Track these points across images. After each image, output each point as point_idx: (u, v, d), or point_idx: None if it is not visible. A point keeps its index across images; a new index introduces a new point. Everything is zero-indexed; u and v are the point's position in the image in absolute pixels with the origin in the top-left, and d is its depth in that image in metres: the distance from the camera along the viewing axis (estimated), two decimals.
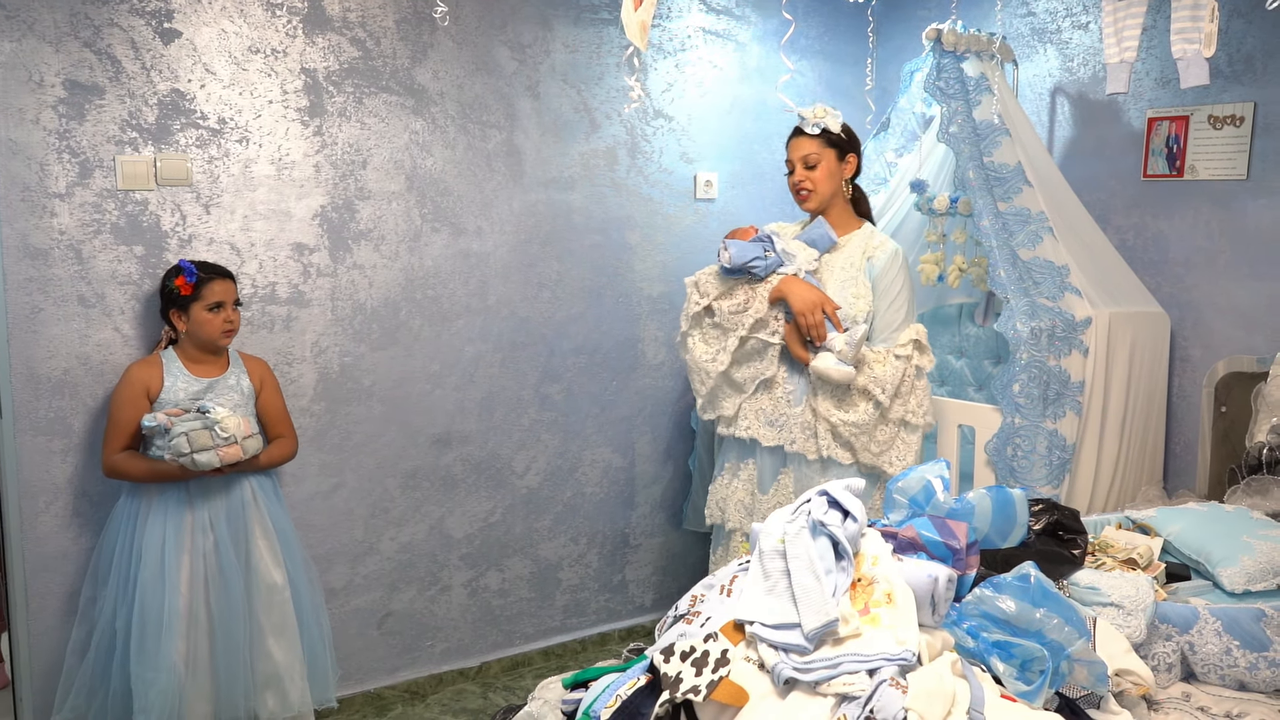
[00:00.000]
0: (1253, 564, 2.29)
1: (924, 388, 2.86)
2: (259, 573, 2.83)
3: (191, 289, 2.74)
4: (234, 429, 2.66)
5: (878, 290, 2.85)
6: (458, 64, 3.29)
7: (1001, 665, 1.67)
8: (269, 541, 2.86)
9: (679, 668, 1.64)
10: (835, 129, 2.90)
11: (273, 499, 2.92)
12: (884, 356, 2.78)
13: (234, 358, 2.90)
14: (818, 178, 2.89)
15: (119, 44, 2.79)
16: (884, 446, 2.81)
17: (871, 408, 2.76)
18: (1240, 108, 3.07)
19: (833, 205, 2.94)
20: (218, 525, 2.77)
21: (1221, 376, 3.09)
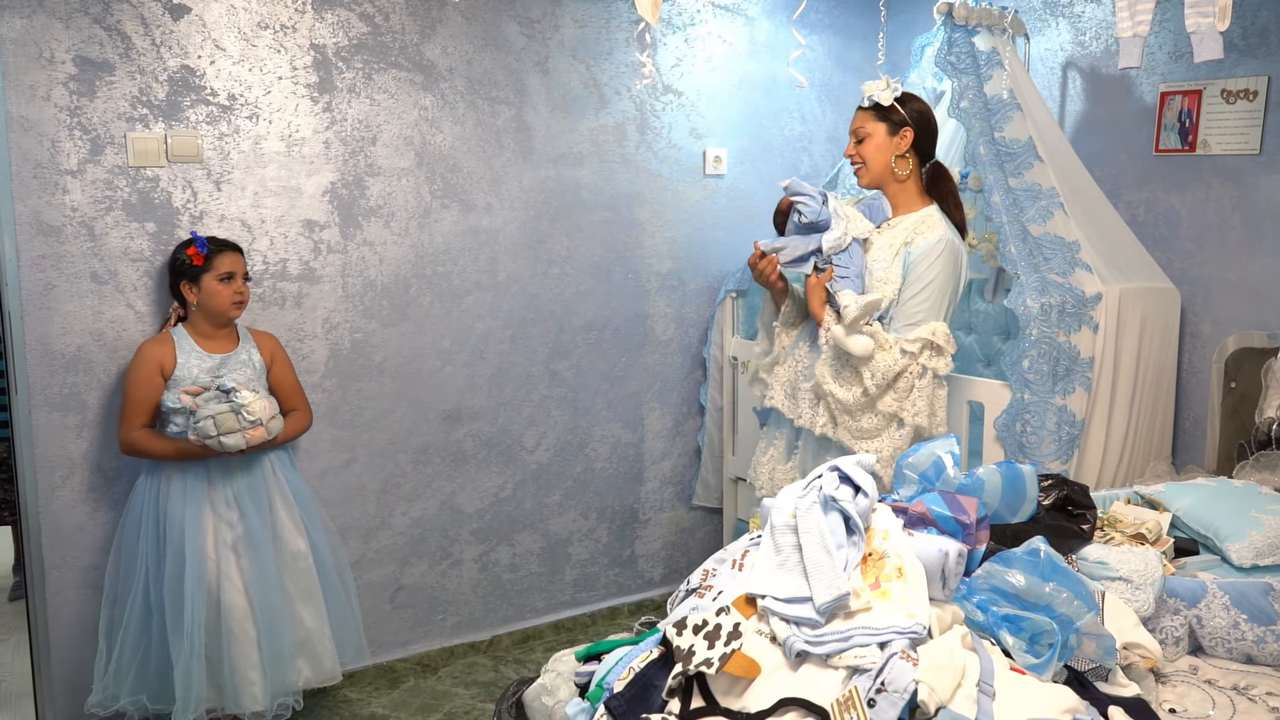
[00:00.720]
0: (1261, 539, 2.30)
1: (928, 388, 2.65)
2: (284, 541, 2.87)
3: (203, 259, 2.75)
4: (260, 412, 2.69)
5: (908, 278, 2.67)
6: (467, 39, 3.28)
7: (1011, 639, 1.68)
8: (290, 511, 2.90)
9: (691, 641, 1.66)
10: (885, 101, 2.72)
11: (291, 469, 2.96)
12: (890, 346, 2.61)
13: (244, 334, 2.92)
14: (867, 152, 2.75)
15: (129, 20, 2.78)
16: (866, 434, 2.66)
17: (860, 393, 2.62)
18: (1254, 82, 3.05)
19: (889, 181, 2.77)
20: (240, 499, 2.80)
21: (1232, 352, 3.08)
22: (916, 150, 2.78)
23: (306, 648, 2.90)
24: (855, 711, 1.50)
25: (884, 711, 1.49)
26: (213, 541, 2.75)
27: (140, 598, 2.76)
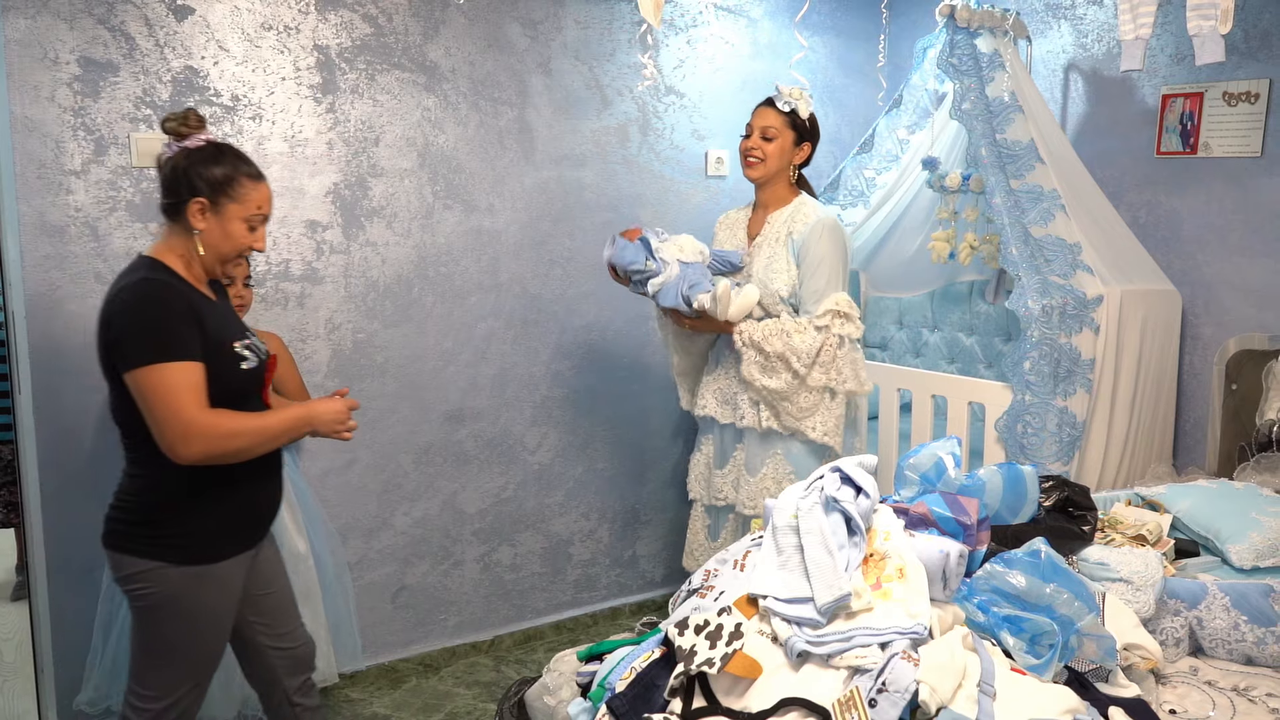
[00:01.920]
0: (1261, 540, 2.31)
1: (847, 355, 2.82)
2: (284, 542, 2.86)
3: None
4: None
5: (801, 263, 2.85)
6: (469, 41, 3.29)
7: (1012, 639, 1.69)
8: (292, 512, 2.90)
9: (693, 641, 1.67)
10: (803, 114, 2.92)
11: (294, 469, 2.96)
12: (804, 327, 2.80)
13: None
14: (770, 151, 2.90)
15: (132, 21, 2.79)
16: (805, 412, 2.83)
17: (790, 376, 2.80)
18: (1256, 84, 3.06)
19: (775, 181, 2.95)
20: None
21: (1233, 354, 3.09)
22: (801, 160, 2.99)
23: None
24: (856, 711, 1.50)
25: (885, 711, 1.50)
26: None
27: None
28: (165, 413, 1.96)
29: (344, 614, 3.02)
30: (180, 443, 1.98)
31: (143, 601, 2.11)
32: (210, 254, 2.12)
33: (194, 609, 2.11)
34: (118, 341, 2.00)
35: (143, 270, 2.06)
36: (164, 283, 2.04)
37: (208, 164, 2.08)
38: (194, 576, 2.09)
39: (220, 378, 2.06)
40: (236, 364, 2.10)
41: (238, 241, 2.13)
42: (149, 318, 2.00)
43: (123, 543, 2.12)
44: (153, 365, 1.96)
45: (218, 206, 2.09)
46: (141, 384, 1.98)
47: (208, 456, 2.01)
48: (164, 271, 2.08)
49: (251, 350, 2.17)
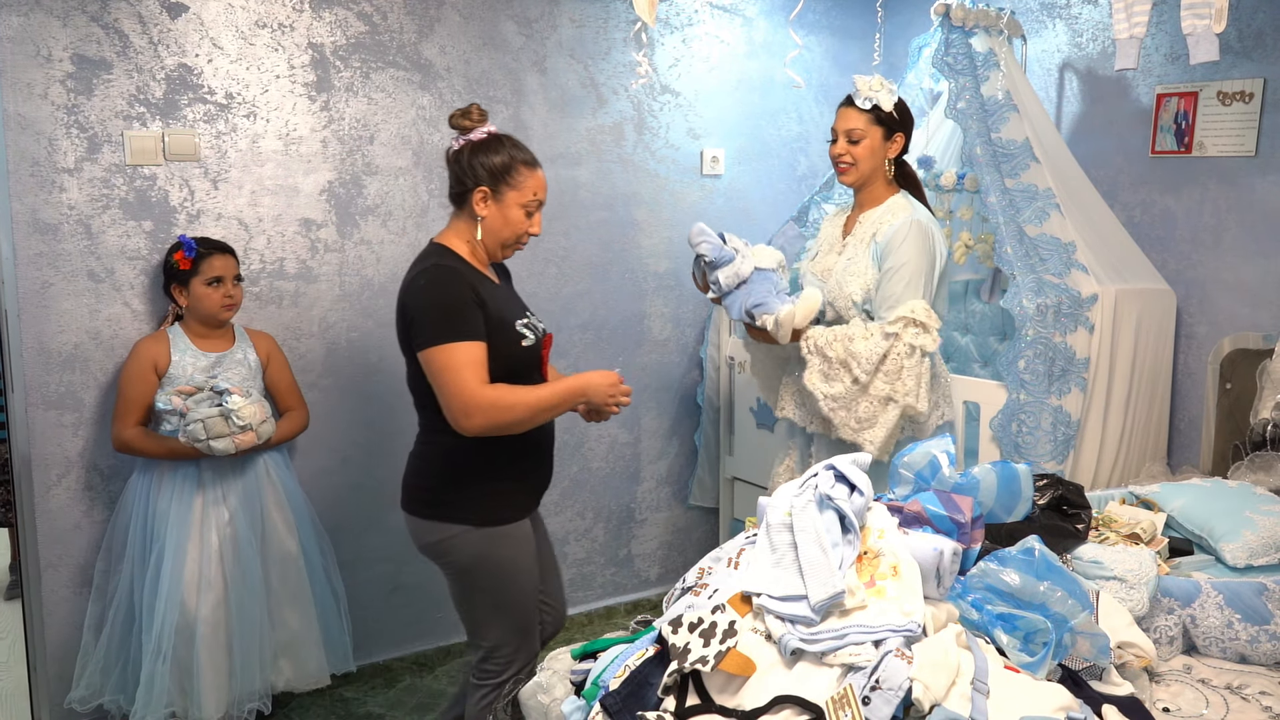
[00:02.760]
0: (1255, 539, 2.31)
1: (916, 366, 2.62)
2: (274, 543, 2.86)
3: (190, 264, 2.75)
4: (250, 416, 2.68)
5: (882, 267, 2.68)
6: (464, 39, 3.28)
7: (1005, 637, 1.68)
8: (283, 513, 2.89)
9: (687, 638, 1.66)
10: (887, 106, 2.71)
11: (285, 471, 2.95)
12: (870, 333, 2.64)
13: (240, 333, 2.92)
14: (859, 154, 2.72)
15: (126, 18, 2.78)
16: (864, 423, 2.66)
17: (850, 383, 2.64)
18: (1250, 84, 3.06)
19: (871, 181, 2.78)
20: (231, 499, 2.79)
21: (1227, 353, 3.09)
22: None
23: (290, 650, 2.88)
24: (850, 709, 1.50)
25: (878, 709, 1.49)
26: (198, 544, 2.74)
27: (125, 596, 2.76)
28: (450, 388, 2.16)
29: (335, 615, 3.01)
30: (463, 416, 2.17)
31: (454, 566, 2.34)
32: (490, 239, 2.31)
33: (500, 566, 2.32)
34: (412, 323, 2.23)
35: (433, 257, 2.28)
36: (450, 268, 2.24)
37: (488, 154, 2.26)
38: (494, 536, 2.30)
39: (502, 354, 2.24)
40: (517, 341, 2.28)
41: (516, 227, 2.31)
42: (437, 302, 2.19)
43: (425, 509, 2.34)
44: (441, 345, 2.16)
45: (498, 194, 2.27)
46: (431, 362, 2.19)
47: (487, 428, 2.19)
48: (450, 257, 2.28)
49: (530, 329, 2.34)
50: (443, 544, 2.32)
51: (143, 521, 2.76)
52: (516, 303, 2.42)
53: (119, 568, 2.78)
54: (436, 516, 2.32)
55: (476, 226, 2.30)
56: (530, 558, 2.39)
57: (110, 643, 2.76)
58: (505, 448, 2.29)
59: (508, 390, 2.21)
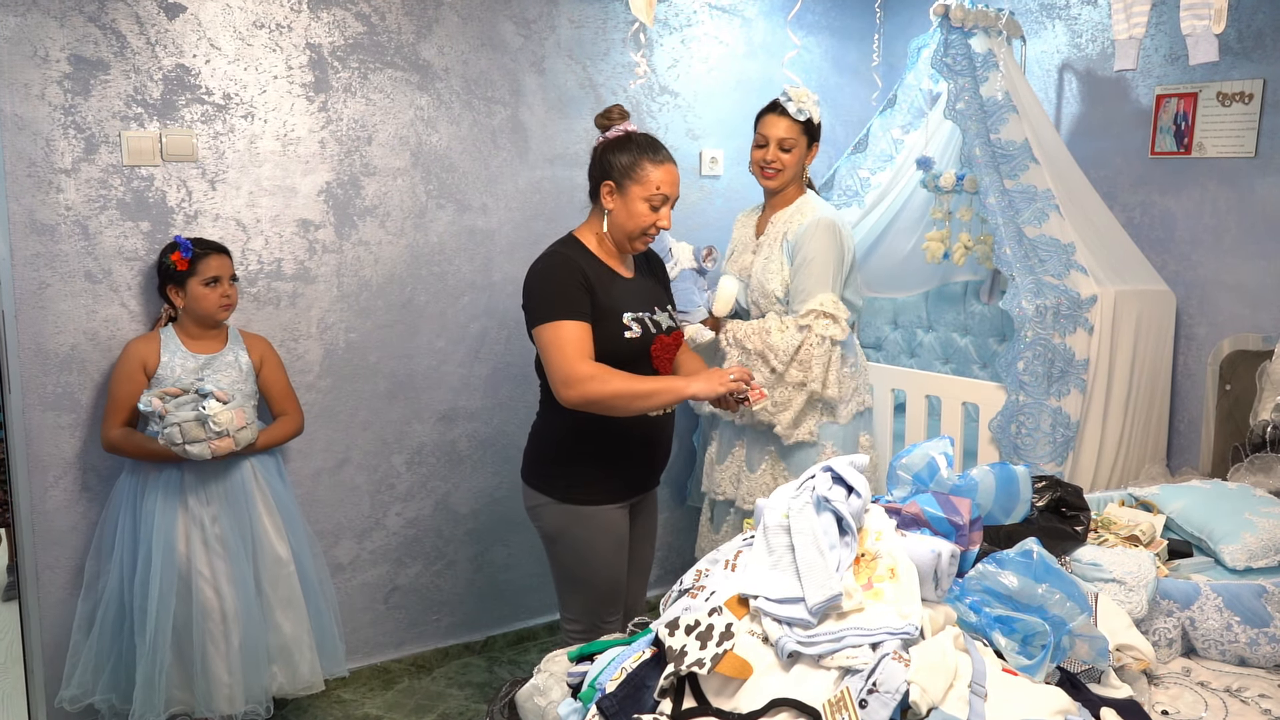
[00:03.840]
0: (1255, 541, 2.30)
1: (824, 356, 2.86)
2: (265, 547, 2.85)
3: (187, 264, 2.74)
4: (226, 422, 2.64)
5: (794, 263, 2.90)
6: (463, 39, 3.28)
7: (1003, 640, 1.68)
8: (273, 517, 2.88)
9: (684, 641, 1.66)
10: (817, 119, 2.95)
11: (274, 476, 2.93)
12: (785, 325, 2.86)
13: (233, 335, 2.91)
14: (788, 161, 2.93)
15: (123, 19, 2.78)
16: (781, 406, 2.89)
17: (769, 372, 2.88)
18: (1249, 85, 3.05)
19: (790, 185, 2.99)
20: (218, 502, 2.78)
21: (1227, 354, 3.09)
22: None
23: (284, 655, 2.87)
24: (847, 712, 1.49)
25: (876, 712, 1.49)
26: (184, 542, 2.73)
27: (115, 596, 2.75)
28: (554, 361, 2.32)
29: (327, 620, 3.00)
30: (563, 386, 2.31)
31: (541, 533, 2.55)
32: (616, 231, 2.43)
33: (579, 542, 2.48)
34: (525, 304, 2.41)
35: (555, 245, 2.46)
36: (564, 255, 2.40)
37: (617, 151, 2.40)
38: (572, 514, 2.47)
39: (605, 341, 2.36)
40: (620, 333, 2.39)
41: (640, 220, 2.40)
42: (545, 283, 2.36)
43: (528, 476, 2.56)
44: (548, 322, 2.32)
45: (623, 188, 2.39)
46: (539, 338, 2.36)
47: (584, 401, 2.31)
48: (573, 246, 2.44)
49: (640, 324, 2.43)
50: (533, 510, 2.54)
51: (131, 522, 2.75)
52: (642, 297, 2.49)
53: (107, 567, 2.77)
54: (531, 484, 2.53)
55: (604, 219, 2.43)
56: (612, 543, 2.50)
57: (100, 642, 2.75)
58: (601, 435, 2.42)
59: (609, 369, 2.32)
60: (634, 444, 2.50)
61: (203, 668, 2.72)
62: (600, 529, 2.48)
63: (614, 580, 2.53)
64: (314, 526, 3.19)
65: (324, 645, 2.96)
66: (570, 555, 2.51)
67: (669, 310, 2.56)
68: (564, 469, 2.48)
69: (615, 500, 2.50)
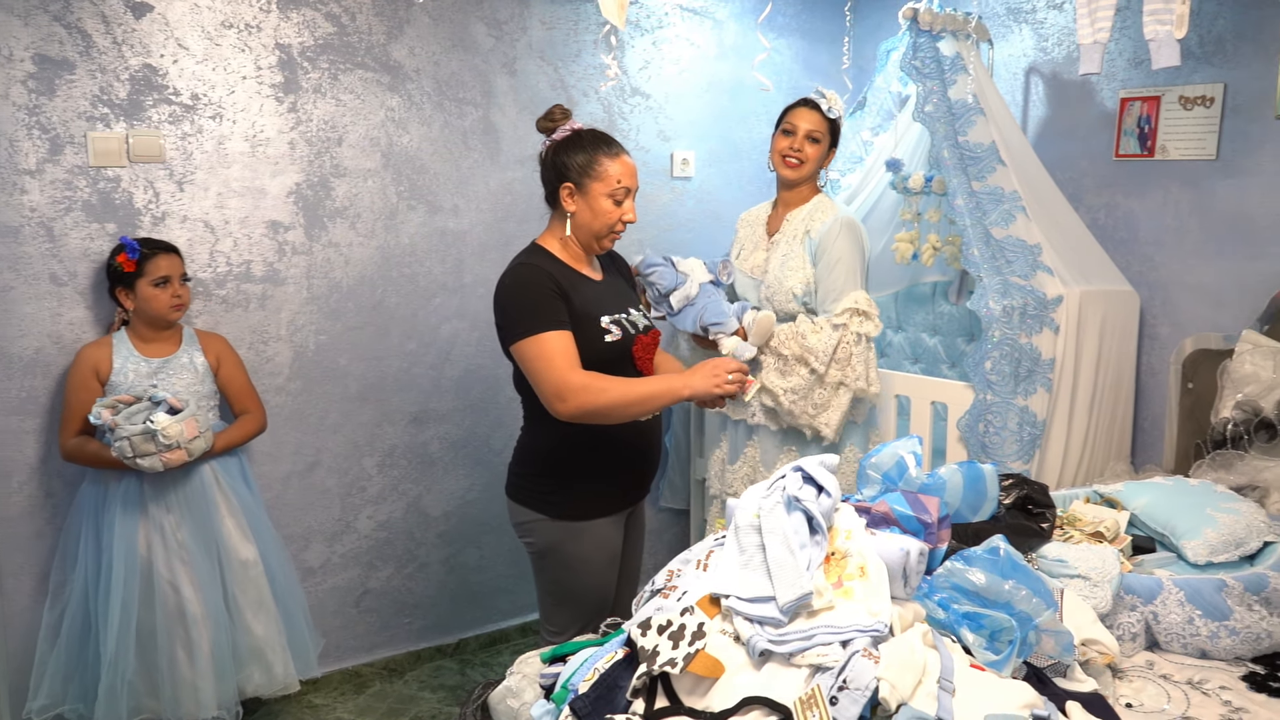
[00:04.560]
0: (1215, 536, 2.34)
1: (863, 353, 2.86)
2: (229, 550, 2.82)
3: (134, 265, 2.70)
4: (176, 435, 2.58)
5: (818, 262, 2.88)
6: (434, 40, 3.27)
7: (971, 636, 1.70)
8: (236, 519, 2.84)
9: (656, 641, 1.66)
10: (842, 123, 2.99)
11: (237, 478, 2.89)
12: (820, 326, 2.84)
13: (188, 335, 2.87)
14: (812, 154, 2.92)
15: (89, 18, 2.75)
16: (820, 409, 2.87)
17: (808, 373, 2.85)
18: (1210, 89, 3.11)
19: (805, 183, 2.99)
20: (179, 508, 2.74)
21: (1189, 354, 3.14)
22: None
23: (257, 656, 2.84)
24: (818, 709, 1.51)
25: (846, 709, 1.50)
26: (146, 549, 2.69)
27: (80, 605, 2.71)
28: (543, 375, 2.24)
29: (298, 620, 2.97)
30: (557, 400, 2.24)
31: (531, 549, 2.47)
32: (582, 232, 2.38)
33: (571, 558, 2.41)
34: (499, 323, 2.33)
35: (521, 257, 2.39)
36: (532, 265, 2.32)
37: (570, 151, 2.33)
38: (568, 530, 2.40)
39: (585, 347, 2.30)
40: (600, 337, 2.33)
41: (606, 217, 2.36)
42: (520, 297, 2.28)
43: (516, 494, 2.47)
44: (529, 337, 2.25)
45: (583, 187, 2.33)
46: (522, 354, 2.28)
47: (581, 413, 2.24)
48: (539, 255, 2.38)
49: (619, 325, 2.38)
50: (522, 526, 2.46)
51: (94, 530, 2.71)
52: (614, 298, 2.44)
53: (72, 576, 2.74)
54: (520, 500, 2.45)
55: (567, 223, 2.37)
56: (605, 557, 2.45)
57: (68, 651, 2.71)
58: (593, 447, 2.36)
59: (601, 376, 2.26)
60: (627, 454, 2.44)
61: (169, 674, 2.69)
62: (595, 544, 2.42)
63: (604, 594, 2.48)
64: (284, 530, 3.17)
65: (295, 646, 2.94)
66: (562, 571, 2.44)
67: (641, 310, 2.53)
68: (556, 485, 2.39)
69: (611, 513, 2.45)
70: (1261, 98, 3.00)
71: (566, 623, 2.46)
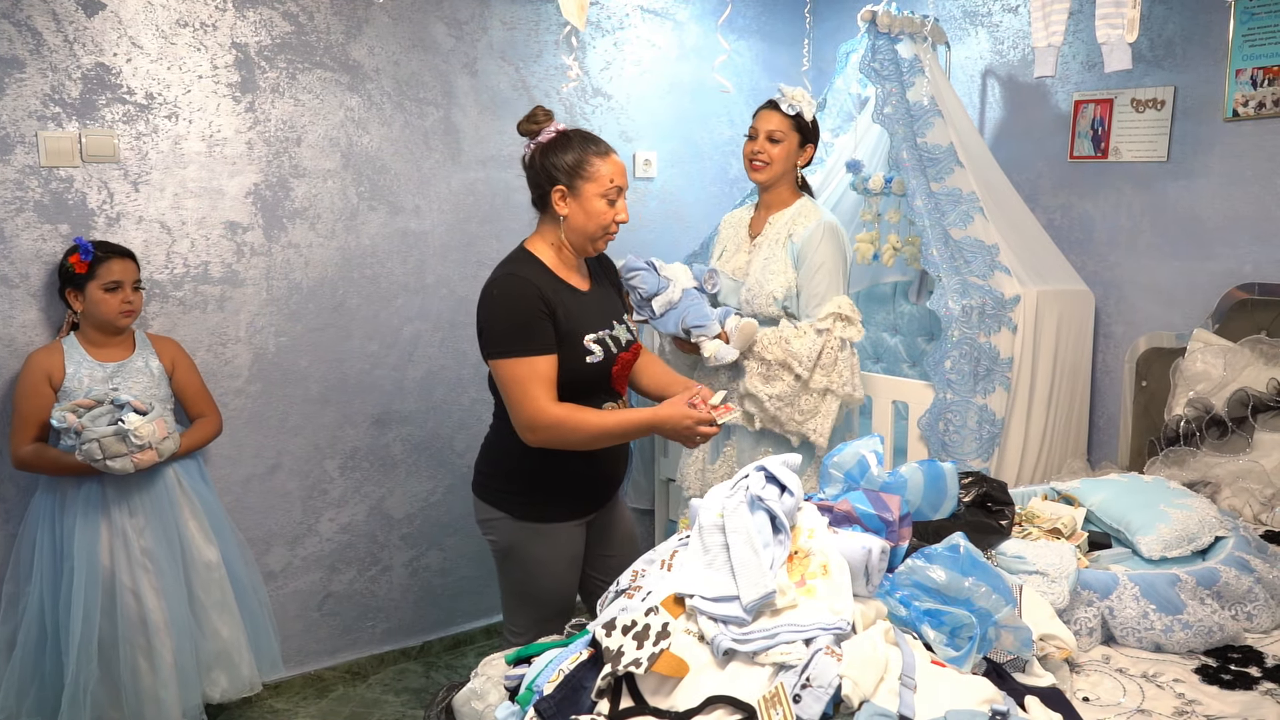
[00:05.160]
0: (1169, 532, 2.39)
1: (847, 359, 2.85)
2: (195, 552, 2.79)
3: (87, 267, 2.65)
4: (149, 435, 2.55)
5: (801, 267, 2.87)
6: (394, 40, 3.25)
7: (932, 632, 1.72)
8: (199, 522, 2.81)
9: (620, 641, 1.67)
10: (808, 115, 2.93)
11: (198, 479, 2.87)
12: (803, 331, 2.83)
13: (141, 340, 2.82)
14: (776, 154, 2.90)
15: (39, 15, 2.70)
16: (807, 415, 2.86)
17: (793, 379, 2.83)
18: (1161, 91, 3.17)
19: (780, 183, 2.96)
20: (143, 513, 2.70)
21: (1142, 352, 3.20)
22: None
23: (223, 659, 2.82)
24: (781, 707, 1.52)
25: (809, 706, 1.51)
26: (108, 556, 2.65)
27: (36, 617, 2.65)
28: (517, 402, 2.23)
29: (262, 621, 2.95)
30: (527, 430, 2.24)
31: (493, 546, 2.47)
32: (576, 235, 2.33)
33: (530, 559, 2.40)
34: (481, 331, 2.29)
35: (510, 265, 2.31)
36: (522, 280, 2.25)
37: (559, 152, 2.29)
38: (529, 531, 2.38)
39: (565, 368, 2.27)
40: (582, 358, 2.30)
41: (600, 218, 2.32)
42: (505, 314, 2.24)
43: (481, 491, 2.46)
44: (507, 358, 2.22)
45: (575, 189, 2.29)
46: (499, 372, 2.26)
47: (549, 444, 2.25)
48: (529, 264, 2.30)
49: (601, 345, 2.34)
50: (486, 524, 2.45)
51: (50, 539, 2.65)
52: (599, 312, 2.40)
53: (27, 589, 2.67)
54: (484, 498, 2.44)
55: (560, 227, 2.32)
56: (566, 560, 2.44)
57: (24, 664, 2.65)
58: (561, 455, 2.32)
59: (575, 411, 2.25)
60: (594, 460, 2.41)
61: (132, 684, 2.65)
62: (556, 546, 2.41)
63: (565, 596, 2.48)
64: (245, 534, 3.13)
65: (260, 647, 2.91)
66: (522, 571, 2.43)
67: (625, 321, 2.49)
68: (520, 485, 2.38)
69: (574, 517, 2.44)
70: (1210, 100, 3.06)
71: (528, 624, 2.46)
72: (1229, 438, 2.85)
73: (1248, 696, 1.86)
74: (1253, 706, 1.82)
